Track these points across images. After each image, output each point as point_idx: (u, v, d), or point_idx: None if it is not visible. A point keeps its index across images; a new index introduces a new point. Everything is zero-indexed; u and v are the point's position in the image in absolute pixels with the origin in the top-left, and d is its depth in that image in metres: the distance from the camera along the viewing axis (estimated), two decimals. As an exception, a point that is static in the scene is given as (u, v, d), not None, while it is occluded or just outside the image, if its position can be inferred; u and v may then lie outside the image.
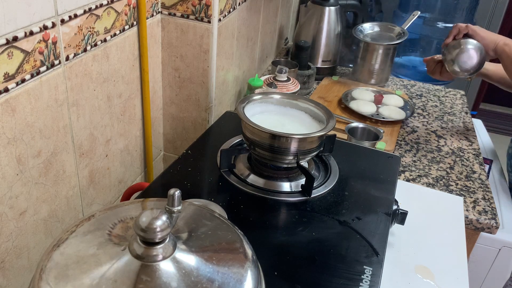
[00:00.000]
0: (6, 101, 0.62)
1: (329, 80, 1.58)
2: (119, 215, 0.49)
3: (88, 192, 0.87)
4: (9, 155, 0.65)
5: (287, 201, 0.75)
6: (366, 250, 0.66)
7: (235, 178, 0.79)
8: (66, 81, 0.74)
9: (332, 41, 1.56)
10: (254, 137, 0.77)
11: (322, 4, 1.51)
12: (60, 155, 0.76)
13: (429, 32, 1.97)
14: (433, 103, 1.55)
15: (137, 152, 1.03)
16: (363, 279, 0.61)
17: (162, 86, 1.08)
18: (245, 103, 0.82)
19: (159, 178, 0.79)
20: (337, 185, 0.80)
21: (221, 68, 1.10)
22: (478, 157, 1.26)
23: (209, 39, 1.00)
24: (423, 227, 0.92)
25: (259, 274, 0.46)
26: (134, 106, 0.97)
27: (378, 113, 1.36)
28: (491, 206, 1.07)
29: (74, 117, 0.78)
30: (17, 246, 0.71)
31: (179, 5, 0.98)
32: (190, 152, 0.85)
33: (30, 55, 0.64)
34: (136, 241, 0.43)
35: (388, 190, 0.81)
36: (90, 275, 0.41)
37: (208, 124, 1.10)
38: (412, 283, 0.79)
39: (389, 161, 0.89)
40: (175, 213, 0.45)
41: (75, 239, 0.45)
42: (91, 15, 0.76)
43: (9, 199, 0.67)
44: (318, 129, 0.80)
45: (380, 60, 1.53)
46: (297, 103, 0.86)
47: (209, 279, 0.42)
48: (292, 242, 0.67)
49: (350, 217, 0.73)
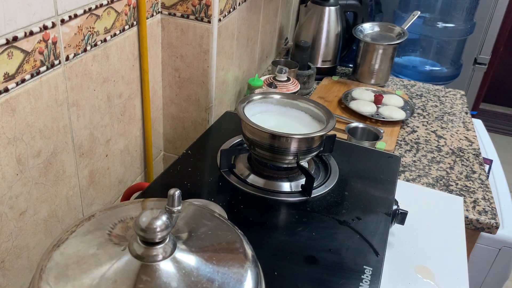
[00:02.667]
0: (6, 101, 0.62)
1: (329, 80, 1.58)
2: (119, 215, 0.49)
3: (88, 192, 0.87)
4: (9, 155, 0.65)
5: (287, 201, 0.75)
6: (366, 250, 0.66)
7: (235, 178, 0.79)
8: (66, 81, 0.74)
9: (332, 41, 1.56)
10: (254, 137, 0.77)
11: (322, 4, 1.51)
12: (60, 155, 0.76)
13: (429, 32, 1.97)
14: (433, 103, 1.55)
15: (137, 152, 1.03)
16: (363, 279, 0.61)
17: (162, 86, 1.08)
18: (245, 103, 0.82)
19: (159, 178, 0.79)
20: (337, 185, 0.80)
21: (221, 68, 1.10)
22: (478, 157, 1.26)
23: (209, 39, 1.00)
24: (423, 227, 0.92)
25: (259, 274, 0.46)
26: (134, 106, 0.97)
27: (378, 113, 1.35)
28: (491, 206, 1.07)
29: (74, 117, 0.78)
30: (17, 246, 0.71)
31: (179, 5, 0.98)
32: (190, 152, 0.85)
33: (30, 55, 0.64)
34: (136, 241, 0.43)
35: (388, 190, 0.81)
36: (90, 275, 0.41)
37: (208, 124, 1.10)
38: (412, 283, 0.79)
39: (389, 161, 0.89)
40: (175, 213, 0.45)
41: (75, 239, 0.45)
42: (91, 15, 0.76)
43: (9, 199, 0.67)
44: (318, 129, 0.80)
45: (380, 60, 1.53)
46: (297, 103, 0.86)
47: (209, 279, 0.42)
48: (292, 242, 0.67)
49: (350, 217, 0.73)
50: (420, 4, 1.95)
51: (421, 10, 1.74)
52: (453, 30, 1.97)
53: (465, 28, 1.98)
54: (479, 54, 2.36)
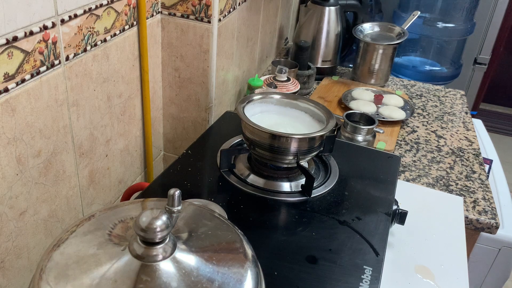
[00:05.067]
0: (6, 101, 0.62)
1: (329, 80, 1.58)
2: (119, 215, 0.49)
3: (88, 192, 0.87)
4: (9, 155, 0.65)
5: (287, 201, 0.75)
6: (366, 250, 0.66)
7: (235, 178, 0.79)
8: (66, 81, 0.74)
9: (332, 41, 1.56)
10: (254, 137, 0.77)
11: (322, 4, 1.51)
12: (60, 155, 0.76)
13: (429, 32, 1.97)
14: (433, 103, 1.55)
15: (137, 152, 1.03)
16: (363, 279, 0.61)
17: (162, 86, 1.08)
18: (245, 103, 0.82)
19: (159, 178, 0.79)
20: (337, 185, 0.80)
21: (221, 68, 1.10)
22: (478, 157, 1.26)
23: (209, 39, 1.00)
24: (423, 227, 0.92)
25: (259, 274, 0.46)
26: (134, 106, 0.97)
27: (378, 113, 1.35)
28: (491, 206, 1.07)
29: (74, 117, 0.78)
30: (17, 246, 0.71)
31: (179, 5, 0.98)
32: (190, 152, 0.85)
33: (30, 55, 0.64)
34: (136, 241, 0.43)
35: (388, 190, 0.81)
36: (90, 275, 0.41)
37: (208, 124, 1.11)
38: (412, 283, 0.79)
39: (389, 161, 0.89)
40: (175, 213, 0.45)
41: (75, 239, 0.45)
42: (91, 15, 0.76)
43: (9, 199, 0.67)
44: (318, 129, 0.80)
45: (380, 60, 1.53)
46: (297, 103, 0.86)
47: (209, 279, 0.42)
48: (292, 242, 0.67)
49: (350, 217, 0.73)
50: (420, 4, 1.95)
51: (421, 10, 1.74)
52: (453, 30, 1.97)
53: (465, 28, 1.98)
54: (479, 54, 2.36)
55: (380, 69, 1.54)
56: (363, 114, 1.16)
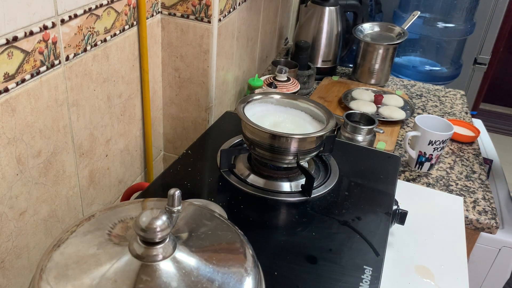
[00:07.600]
0: (6, 101, 0.62)
1: (329, 80, 1.58)
2: (119, 215, 0.49)
3: (88, 192, 0.87)
4: (9, 155, 0.65)
5: (287, 201, 0.75)
6: (366, 250, 0.66)
7: (235, 178, 0.79)
8: (66, 81, 0.74)
9: (332, 41, 1.56)
10: (254, 137, 0.77)
11: (322, 4, 1.51)
12: (60, 155, 0.76)
13: (429, 32, 1.97)
14: (433, 103, 1.55)
15: (137, 152, 1.03)
16: (363, 279, 0.61)
17: (162, 86, 1.08)
18: (245, 103, 0.82)
19: (159, 178, 0.79)
20: (337, 185, 0.80)
21: (221, 68, 1.10)
22: (478, 157, 1.26)
23: (209, 39, 1.00)
24: (423, 227, 0.92)
25: (259, 274, 0.46)
26: (134, 106, 0.97)
27: (378, 113, 1.35)
28: (491, 206, 1.07)
29: (74, 117, 0.78)
30: (17, 246, 0.71)
31: (179, 5, 0.98)
32: (190, 152, 0.85)
33: (30, 55, 0.64)
34: (136, 241, 0.43)
35: (388, 190, 0.81)
36: (90, 275, 0.41)
37: (208, 124, 1.11)
38: (412, 283, 0.79)
39: (389, 161, 0.89)
40: (175, 213, 0.45)
41: (75, 239, 0.45)
42: (91, 15, 0.76)
43: (9, 199, 0.67)
44: (318, 129, 0.80)
45: (380, 60, 1.53)
46: (297, 103, 0.86)
47: (209, 279, 0.42)
48: (292, 242, 0.67)
49: (350, 217, 0.73)
50: (420, 4, 1.95)
51: (421, 10, 1.74)
52: (453, 30, 1.97)
53: (465, 28, 1.98)
54: (479, 54, 2.36)
55: (380, 69, 1.54)
56: (363, 114, 1.16)
